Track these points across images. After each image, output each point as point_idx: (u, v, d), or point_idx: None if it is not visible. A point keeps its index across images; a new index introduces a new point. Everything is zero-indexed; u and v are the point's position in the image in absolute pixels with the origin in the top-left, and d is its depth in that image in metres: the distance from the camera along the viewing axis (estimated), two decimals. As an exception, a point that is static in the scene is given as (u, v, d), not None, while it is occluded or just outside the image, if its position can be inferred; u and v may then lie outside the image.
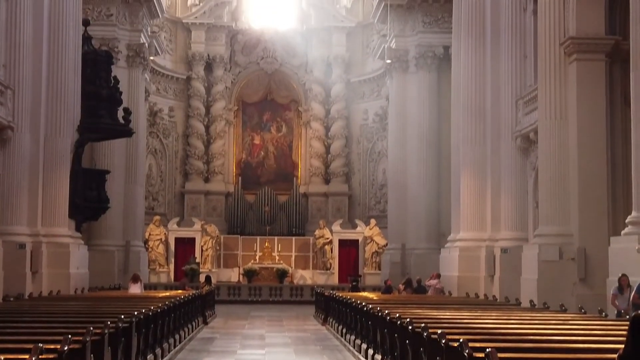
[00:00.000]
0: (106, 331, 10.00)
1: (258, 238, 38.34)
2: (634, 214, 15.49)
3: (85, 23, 26.39)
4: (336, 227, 38.50)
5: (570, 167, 19.22)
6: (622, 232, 16.11)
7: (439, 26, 33.27)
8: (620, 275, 14.95)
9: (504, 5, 24.02)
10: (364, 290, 30.41)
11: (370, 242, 37.33)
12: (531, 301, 18.02)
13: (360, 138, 41.04)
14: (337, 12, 41.01)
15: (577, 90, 19.16)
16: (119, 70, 30.27)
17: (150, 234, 36.39)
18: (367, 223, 38.15)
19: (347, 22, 40.94)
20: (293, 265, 37.65)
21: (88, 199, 25.77)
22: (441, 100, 32.77)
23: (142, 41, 33.18)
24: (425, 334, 9.90)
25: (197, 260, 36.62)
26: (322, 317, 24.22)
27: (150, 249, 36.12)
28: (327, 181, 41.13)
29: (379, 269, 36.34)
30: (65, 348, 7.81)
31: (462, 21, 26.23)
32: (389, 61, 34.40)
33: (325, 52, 40.94)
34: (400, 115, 34.56)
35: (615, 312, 14.82)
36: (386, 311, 13.18)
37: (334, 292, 23.33)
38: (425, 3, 32.87)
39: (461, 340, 8.10)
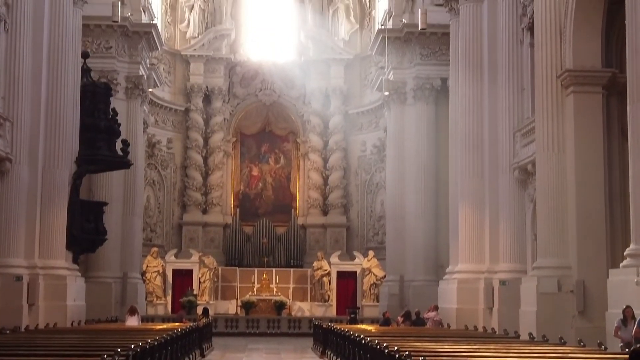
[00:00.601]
0: (103, 365, 9.92)
1: (256, 270, 38.21)
2: (632, 246, 15.46)
3: (85, 55, 26.56)
4: (334, 258, 38.40)
5: (568, 200, 19.22)
6: (621, 265, 16.07)
7: (436, 58, 33.43)
8: (624, 307, 14.83)
9: (501, 38, 24.17)
10: (362, 322, 30.26)
11: (369, 273, 37.21)
12: (530, 334, 17.93)
13: (359, 170, 41.07)
14: (335, 45, 41.23)
15: (574, 123, 19.22)
16: (118, 102, 30.35)
17: (147, 266, 36.27)
18: (365, 255, 38.07)
19: (345, 54, 41.15)
20: (291, 297, 37.49)
21: (85, 231, 25.74)
22: (439, 132, 32.82)
23: (140, 73, 33.31)
24: (423, 368, 9.83)
25: (195, 292, 36.47)
26: (320, 349, 24.08)
27: (147, 281, 35.98)
28: (325, 213, 41.10)
29: (377, 301, 36.18)
30: (61, 383, 7.74)
31: (460, 53, 26.37)
32: (386, 93, 34.52)
33: (323, 84, 41.10)
34: (398, 147, 34.61)
35: (620, 343, 14.71)
36: (384, 344, 13.11)
37: (332, 324, 23.23)
38: (422, 36, 33.05)
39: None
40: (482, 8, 25.40)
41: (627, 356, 6.24)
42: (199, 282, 37.61)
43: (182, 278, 37.51)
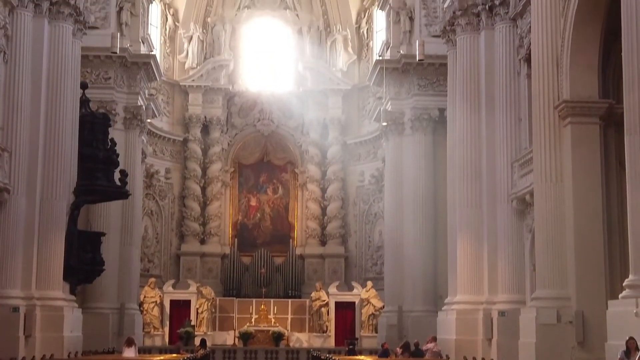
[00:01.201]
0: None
1: (254, 300, 38.03)
2: (631, 277, 15.42)
3: (84, 86, 26.64)
4: (332, 289, 38.25)
5: (566, 230, 19.20)
6: (620, 296, 16.01)
7: (434, 89, 33.54)
8: (627, 338, 14.69)
9: (498, 68, 24.30)
10: (360, 353, 30.09)
11: (367, 304, 37.04)
12: (529, 365, 17.84)
13: (357, 200, 41.05)
14: (333, 75, 41.41)
15: (572, 153, 19.25)
16: (116, 132, 30.41)
17: (145, 297, 36.10)
18: (363, 285, 37.92)
19: (343, 85, 41.31)
20: (289, 327, 37.30)
21: (83, 262, 25.66)
22: (437, 162, 32.84)
23: (139, 104, 33.40)
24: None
25: (192, 323, 36.26)
26: (319, 381, 23.92)
27: (145, 312, 35.79)
28: (323, 243, 41.02)
29: (376, 332, 35.99)
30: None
31: (457, 84, 26.47)
32: (384, 123, 34.62)
33: (321, 114, 41.22)
34: (396, 177, 34.62)
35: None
36: (383, 376, 13.01)
37: (331, 356, 23.10)
38: (420, 66, 33.18)
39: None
40: (479, 39, 25.55)
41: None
42: (197, 312, 37.40)
43: (180, 309, 37.31)
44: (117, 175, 26.56)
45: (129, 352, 23.56)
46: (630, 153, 15.41)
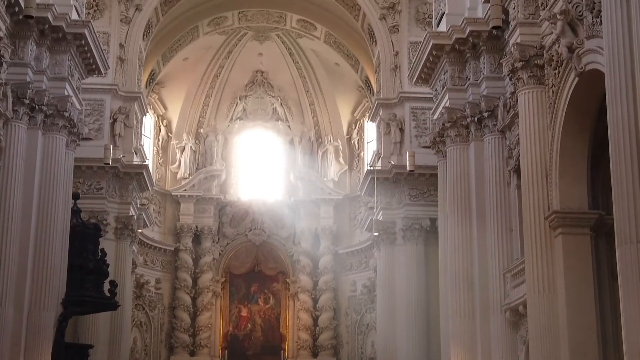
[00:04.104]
0: None
1: (244, 414, 37.22)
2: (628, 390, 15.15)
3: (76, 197, 26.68)
4: (325, 402, 37.51)
5: (560, 341, 18.95)
6: (617, 410, 15.71)
7: (425, 199, 33.69)
8: None
9: (488, 179, 24.46)
10: None
11: (360, 418, 36.27)
12: None
13: (349, 310, 40.68)
14: (324, 185, 41.70)
15: (564, 264, 19.19)
16: (107, 242, 30.27)
17: (132, 411, 35.30)
18: (356, 398, 37.20)
19: (334, 195, 41.56)
20: None
21: (70, 375, 25.13)
22: (429, 272, 32.68)
23: (131, 214, 33.39)
24: None
25: None
26: None
27: None
28: (315, 354, 40.40)
29: None
30: None
31: (448, 195, 26.58)
32: (376, 233, 34.61)
33: (313, 224, 41.29)
34: (388, 287, 34.36)
35: None
36: None
37: None
38: (411, 177, 33.43)
39: None
40: (468, 151, 25.81)
41: None
42: None
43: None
44: (106, 286, 26.31)
45: None
46: (622, 264, 15.36)
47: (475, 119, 25.15)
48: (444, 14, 26.83)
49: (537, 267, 19.61)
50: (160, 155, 41.94)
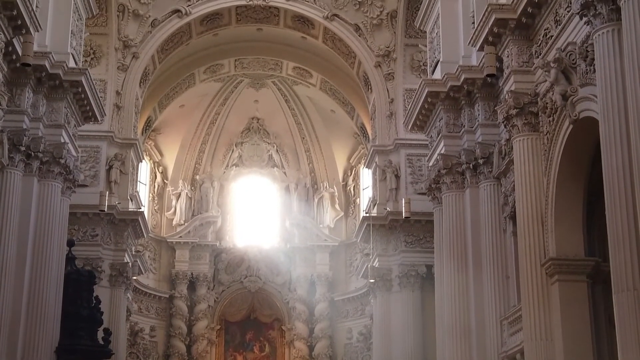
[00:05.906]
0: None
1: None
2: None
3: (70, 244, 26.55)
4: None
5: (559, 390, 18.81)
6: None
7: (421, 245, 33.59)
8: None
9: (484, 226, 24.42)
10: None
11: None
12: None
13: (345, 358, 40.32)
14: (320, 232, 41.63)
15: (560, 311, 19.08)
16: (101, 290, 30.05)
17: None
18: None
19: (330, 241, 41.48)
20: None
21: None
22: (426, 319, 32.48)
23: (126, 261, 33.22)
24: None
25: None
26: None
27: None
28: (311, 404, 40.01)
29: None
30: None
31: (444, 241, 26.52)
32: (372, 280, 34.45)
33: (308, 271, 41.14)
34: (384, 335, 34.11)
35: None
36: None
37: None
38: (407, 223, 33.39)
39: None
40: (464, 197, 25.81)
41: None
42: None
43: None
44: (100, 334, 26.08)
45: None
46: (619, 311, 15.31)
47: (471, 165, 25.19)
48: (438, 61, 27.02)
49: (534, 314, 19.51)
50: (156, 201, 41.92)
